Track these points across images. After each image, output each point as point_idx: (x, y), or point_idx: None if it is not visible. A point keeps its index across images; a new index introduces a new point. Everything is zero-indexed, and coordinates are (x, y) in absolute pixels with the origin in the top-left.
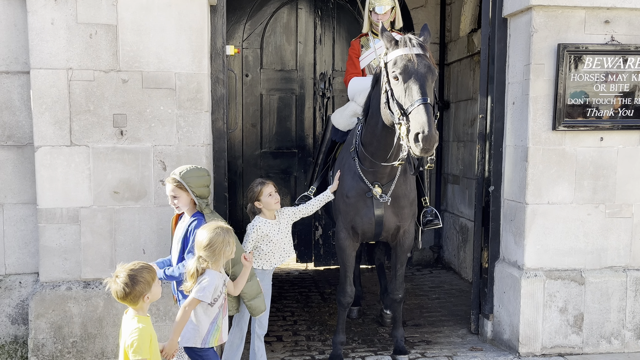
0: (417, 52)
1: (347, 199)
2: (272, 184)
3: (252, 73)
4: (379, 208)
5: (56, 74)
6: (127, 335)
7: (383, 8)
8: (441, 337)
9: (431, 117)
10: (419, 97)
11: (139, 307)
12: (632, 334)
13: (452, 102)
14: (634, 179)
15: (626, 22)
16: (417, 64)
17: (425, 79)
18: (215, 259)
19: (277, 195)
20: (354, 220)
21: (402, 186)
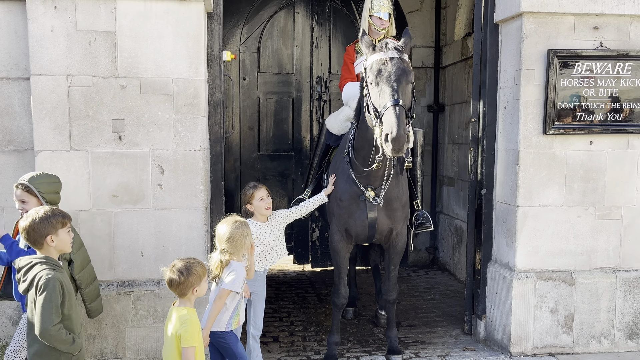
0: (391, 55)
1: (340, 202)
2: (264, 189)
3: (249, 76)
4: (372, 211)
5: (56, 80)
6: (178, 326)
7: (385, 14)
8: (435, 337)
9: (401, 119)
10: (390, 100)
11: (187, 298)
12: (621, 334)
13: (447, 105)
14: (622, 182)
15: (615, 28)
16: (390, 67)
17: (399, 82)
18: (237, 249)
19: (268, 199)
20: (348, 223)
21: (394, 189)
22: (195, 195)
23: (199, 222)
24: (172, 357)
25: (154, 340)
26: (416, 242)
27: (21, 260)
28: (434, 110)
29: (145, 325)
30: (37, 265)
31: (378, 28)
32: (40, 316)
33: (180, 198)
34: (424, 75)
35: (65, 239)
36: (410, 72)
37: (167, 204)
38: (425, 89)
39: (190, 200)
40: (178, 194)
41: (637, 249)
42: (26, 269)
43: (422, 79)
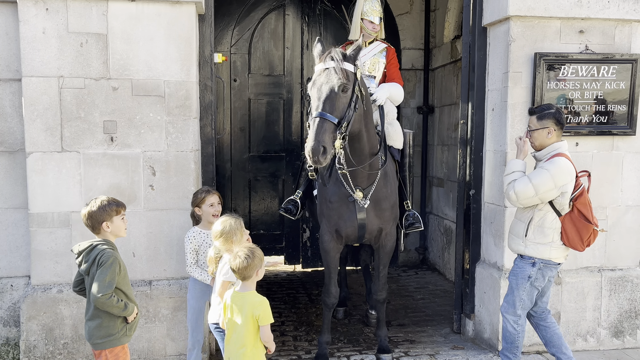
0: (327, 66)
1: (330, 203)
2: (216, 195)
3: (240, 78)
4: (362, 212)
5: (47, 81)
6: (254, 308)
7: (377, 18)
8: (425, 336)
9: (319, 130)
10: (315, 111)
11: (251, 281)
12: (607, 332)
13: (437, 106)
14: (607, 182)
15: (600, 32)
16: (322, 78)
17: (327, 93)
18: (228, 245)
19: (218, 207)
20: (338, 224)
21: (382, 189)
22: (187, 196)
23: (190, 222)
24: (247, 340)
25: (145, 340)
26: (406, 242)
27: (80, 245)
28: (424, 111)
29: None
30: (98, 246)
31: (369, 31)
32: (97, 285)
33: (172, 199)
34: (414, 77)
35: (120, 225)
36: (344, 82)
37: (158, 204)
38: (414, 91)
39: (182, 201)
40: (170, 195)
41: (621, 248)
42: (87, 250)
43: (411, 80)
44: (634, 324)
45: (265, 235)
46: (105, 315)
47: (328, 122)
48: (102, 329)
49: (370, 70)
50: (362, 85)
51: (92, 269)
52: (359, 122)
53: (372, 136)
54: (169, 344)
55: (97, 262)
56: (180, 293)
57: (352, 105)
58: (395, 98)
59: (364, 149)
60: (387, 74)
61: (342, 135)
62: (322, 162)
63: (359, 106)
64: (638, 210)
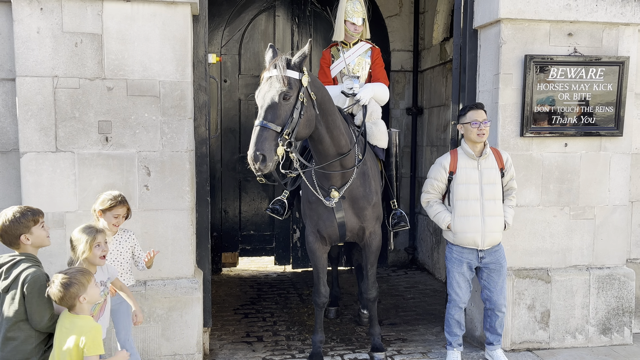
0: (270, 74)
1: (310, 204)
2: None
3: (230, 79)
4: (339, 211)
5: (42, 81)
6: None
7: (359, 19)
8: (416, 335)
9: (258, 139)
10: (257, 120)
11: (78, 308)
12: (595, 329)
13: (426, 108)
14: (595, 182)
15: (588, 34)
16: (264, 87)
17: (268, 102)
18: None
19: (122, 220)
20: (318, 224)
21: (359, 188)
22: (182, 197)
23: (185, 222)
24: None
25: (140, 340)
26: (395, 242)
27: (1, 257)
28: (413, 113)
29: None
30: (21, 263)
31: (352, 33)
32: (38, 311)
33: (166, 199)
34: (403, 78)
35: (41, 234)
36: (285, 89)
37: (153, 205)
38: (404, 92)
39: (176, 201)
40: (164, 195)
41: (609, 247)
42: (9, 266)
43: (401, 82)
44: (621, 321)
45: (255, 236)
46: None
47: (268, 131)
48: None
49: (355, 70)
50: (314, 90)
51: (14, 289)
52: (308, 127)
53: (337, 137)
54: (164, 344)
55: (22, 282)
56: (175, 293)
57: (296, 112)
58: (380, 97)
59: (328, 150)
60: (372, 74)
61: (285, 142)
62: (263, 169)
63: (306, 112)
64: (625, 210)
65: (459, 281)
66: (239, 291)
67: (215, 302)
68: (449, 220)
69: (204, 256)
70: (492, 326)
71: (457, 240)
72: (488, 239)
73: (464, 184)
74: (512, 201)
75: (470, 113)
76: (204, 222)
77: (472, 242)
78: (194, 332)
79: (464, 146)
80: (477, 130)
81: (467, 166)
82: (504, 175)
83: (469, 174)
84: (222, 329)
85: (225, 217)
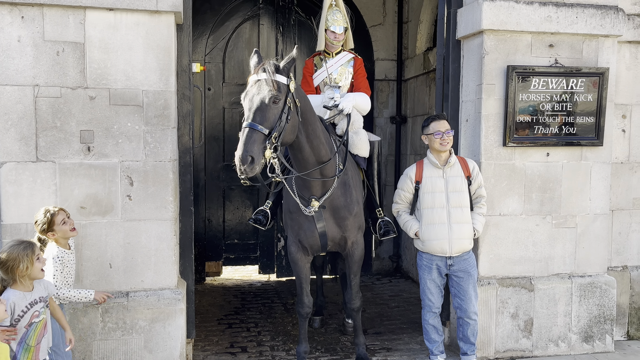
0: (259, 77)
1: (290, 214)
2: (62, 210)
3: (214, 87)
4: (320, 221)
5: (22, 90)
6: None
7: (339, 28)
8: (401, 344)
9: (247, 141)
10: (245, 122)
11: None
12: (577, 337)
13: (409, 116)
14: (577, 191)
15: (568, 46)
16: (253, 89)
17: (257, 104)
18: (11, 276)
19: (71, 220)
20: (299, 234)
21: (340, 198)
22: (165, 207)
23: (168, 233)
24: None
25: (122, 353)
26: (380, 250)
27: None
28: (397, 121)
29: (114, 338)
30: None
31: (332, 41)
32: None
33: (149, 209)
34: (387, 87)
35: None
36: (274, 93)
37: (136, 215)
38: (388, 101)
39: (159, 211)
40: (148, 205)
41: (590, 255)
42: None
43: (384, 91)
44: (603, 328)
45: (239, 245)
46: None
47: (257, 133)
48: None
49: (337, 80)
50: (298, 97)
51: None
52: (292, 133)
53: (317, 146)
54: (147, 356)
55: None
56: (158, 304)
57: (284, 116)
58: (362, 107)
59: (309, 158)
60: (355, 84)
61: (272, 145)
62: (249, 172)
63: (292, 117)
64: (605, 219)
65: (431, 287)
66: (222, 301)
67: (199, 312)
68: (417, 228)
69: (187, 266)
70: (465, 335)
71: (425, 248)
72: (456, 246)
73: (430, 192)
74: (482, 209)
75: (433, 124)
76: (188, 232)
77: (439, 250)
78: (177, 343)
79: (429, 156)
80: (440, 140)
81: (432, 175)
82: (471, 183)
83: (434, 183)
84: (206, 340)
85: (209, 226)
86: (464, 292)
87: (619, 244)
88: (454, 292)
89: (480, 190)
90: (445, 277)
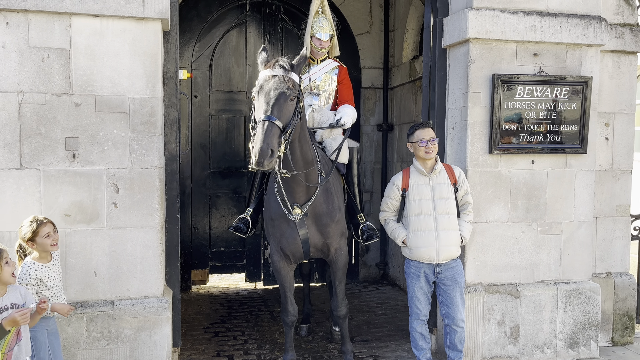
0: (275, 73)
1: (272, 221)
2: (51, 224)
3: (201, 94)
4: (302, 228)
5: (6, 97)
6: None
7: (325, 35)
8: (388, 351)
9: (268, 134)
10: (262, 115)
11: None
12: (563, 343)
13: (396, 124)
14: (562, 199)
15: (552, 55)
16: (270, 84)
17: (275, 98)
18: None
19: (55, 235)
20: (281, 242)
21: (322, 205)
22: (151, 214)
23: (154, 241)
24: None
25: None
26: (366, 258)
27: None
28: (383, 129)
29: (99, 347)
30: None
31: (317, 48)
32: None
33: (135, 217)
34: (373, 95)
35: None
36: (288, 91)
37: (122, 223)
38: (374, 109)
39: (146, 219)
40: (133, 212)
41: (575, 262)
42: None
43: (371, 99)
44: (588, 335)
45: (225, 253)
46: None
47: (275, 127)
48: None
49: (321, 87)
50: (301, 97)
51: None
52: (297, 133)
53: (306, 151)
54: None
55: None
56: (144, 313)
57: (297, 114)
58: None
59: (298, 161)
60: (339, 95)
61: (285, 141)
62: (267, 165)
63: (302, 117)
64: (590, 226)
65: (418, 295)
66: (209, 309)
67: (185, 321)
68: (404, 236)
69: (173, 275)
70: (452, 342)
71: (413, 256)
72: (443, 253)
73: (417, 199)
74: (469, 216)
75: (418, 132)
76: (174, 240)
77: (427, 257)
78: (163, 352)
79: (415, 164)
80: (425, 148)
81: (419, 182)
82: (458, 190)
83: (421, 190)
84: (192, 349)
85: (195, 234)
86: (451, 300)
87: (603, 251)
88: (441, 299)
89: (466, 197)
90: (432, 285)
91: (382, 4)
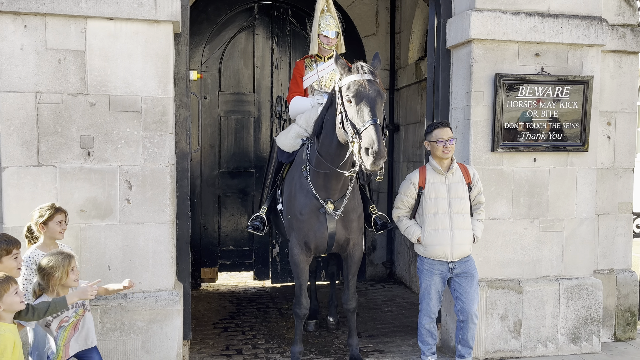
0: (368, 78)
1: (300, 215)
2: (65, 213)
3: (210, 95)
4: (331, 223)
5: (25, 97)
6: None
7: (332, 32)
8: (393, 346)
9: (380, 136)
10: (370, 118)
11: None
12: (565, 338)
13: (402, 125)
14: (563, 196)
15: (554, 55)
16: (368, 89)
17: (375, 102)
18: (47, 284)
19: (65, 226)
20: (308, 236)
21: (352, 201)
22: (163, 210)
23: (166, 236)
24: None
25: (120, 353)
26: (373, 257)
27: None
28: (390, 130)
29: (112, 338)
30: None
31: (325, 46)
32: None
33: (147, 212)
34: None
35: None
36: (384, 94)
37: (134, 218)
38: None
39: (157, 214)
40: (146, 208)
41: (577, 258)
42: None
43: None
44: (590, 330)
45: (234, 251)
46: None
47: (380, 129)
48: None
49: (327, 84)
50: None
51: None
52: None
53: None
54: (144, 356)
55: None
56: (155, 305)
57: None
58: None
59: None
60: None
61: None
62: (381, 164)
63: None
64: (591, 222)
65: (430, 292)
66: (218, 306)
67: (195, 317)
68: (419, 234)
69: (184, 269)
70: (465, 339)
71: (427, 253)
72: (457, 252)
73: (433, 198)
74: (481, 215)
75: (436, 131)
76: (184, 236)
77: (441, 255)
78: (174, 344)
79: (431, 162)
80: (443, 148)
81: (435, 181)
82: (472, 189)
83: (437, 189)
84: (202, 343)
85: (204, 233)
86: (466, 294)
87: (605, 248)
88: (456, 295)
89: (479, 197)
90: (446, 284)
91: (388, 7)
